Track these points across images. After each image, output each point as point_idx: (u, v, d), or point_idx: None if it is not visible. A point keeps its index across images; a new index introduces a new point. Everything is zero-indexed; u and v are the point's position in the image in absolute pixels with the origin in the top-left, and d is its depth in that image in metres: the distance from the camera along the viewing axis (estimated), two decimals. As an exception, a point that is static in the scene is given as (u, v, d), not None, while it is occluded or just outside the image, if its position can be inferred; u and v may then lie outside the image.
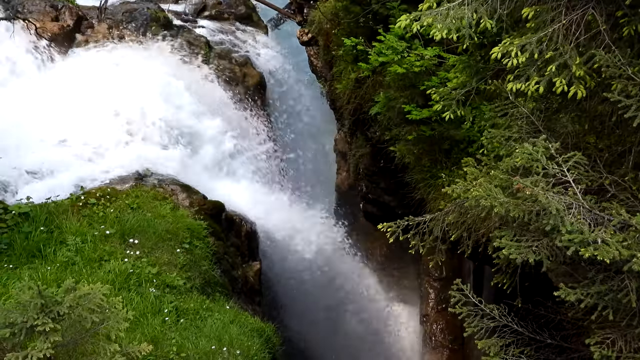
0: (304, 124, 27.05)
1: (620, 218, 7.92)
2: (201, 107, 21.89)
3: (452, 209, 10.09)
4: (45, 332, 8.16)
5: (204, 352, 12.38)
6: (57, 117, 19.15)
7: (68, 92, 20.01)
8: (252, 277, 18.63)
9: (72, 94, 19.90)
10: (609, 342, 8.33)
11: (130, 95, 20.30)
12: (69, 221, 15.05)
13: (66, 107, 19.50)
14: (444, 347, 22.51)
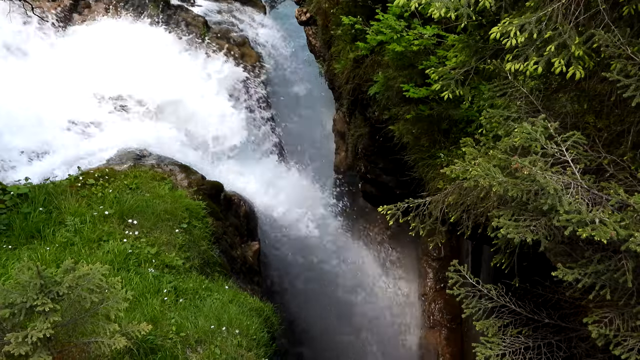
0: (302, 104, 27.01)
1: (619, 198, 7.93)
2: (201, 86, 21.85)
3: (452, 190, 10.11)
4: (45, 312, 8.20)
5: (203, 332, 12.42)
6: (55, 98, 19.11)
7: (65, 71, 19.96)
8: (251, 257, 18.66)
9: (70, 74, 19.85)
10: (607, 321, 8.36)
11: (127, 74, 20.25)
12: (68, 202, 15.05)
13: (64, 87, 19.45)
14: (442, 325, 22.61)
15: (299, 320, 22.33)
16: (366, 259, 24.33)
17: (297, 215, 22.10)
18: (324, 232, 23.04)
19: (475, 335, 16.65)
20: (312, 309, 22.48)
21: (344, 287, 23.47)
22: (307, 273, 22.53)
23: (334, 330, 22.91)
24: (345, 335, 23.04)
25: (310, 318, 22.48)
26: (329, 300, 23.06)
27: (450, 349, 22.23)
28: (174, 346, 11.80)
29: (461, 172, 9.30)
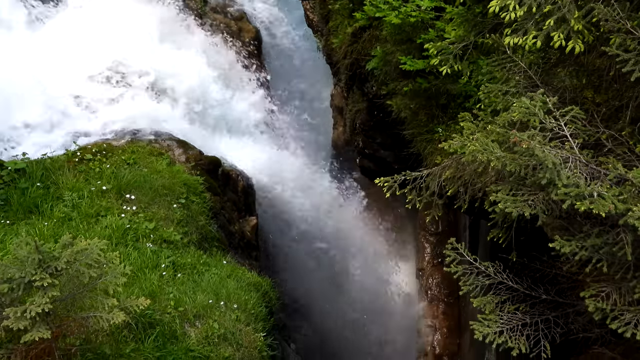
0: (300, 79, 26.93)
1: (617, 172, 7.93)
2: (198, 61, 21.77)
3: (449, 164, 10.10)
4: (44, 287, 8.21)
5: (202, 306, 12.45)
6: (52, 72, 19.02)
7: (62, 45, 19.85)
8: (249, 231, 18.67)
9: (66, 48, 19.74)
10: (604, 295, 8.39)
11: (124, 49, 20.15)
12: (65, 177, 15.03)
13: (60, 61, 19.36)
14: (440, 300, 22.68)
15: (297, 294, 22.39)
16: (364, 234, 24.37)
17: (294, 191, 22.09)
18: (321, 207, 23.05)
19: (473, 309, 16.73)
20: (310, 284, 22.55)
21: (342, 262, 23.53)
22: (305, 248, 22.58)
23: (332, 304, 22.99)
24: (343, 310, 23.13)
25: (308, 292, 22.55)
26: (327, 275, 23.12)
27: (447, 323, 22.32)
28: (172, 321, 11.84)
29: (459, 147, 9.29)
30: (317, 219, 22.73)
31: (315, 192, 22.89)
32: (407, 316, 23.57)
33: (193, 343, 11.62)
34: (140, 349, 10.80)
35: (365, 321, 23.37)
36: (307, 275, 22.55)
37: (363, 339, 23.14)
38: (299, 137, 24.71)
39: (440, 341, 22.19)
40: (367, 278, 23.89)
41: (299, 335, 21.85)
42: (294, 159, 22.93)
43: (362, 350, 22.98)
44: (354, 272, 23.75)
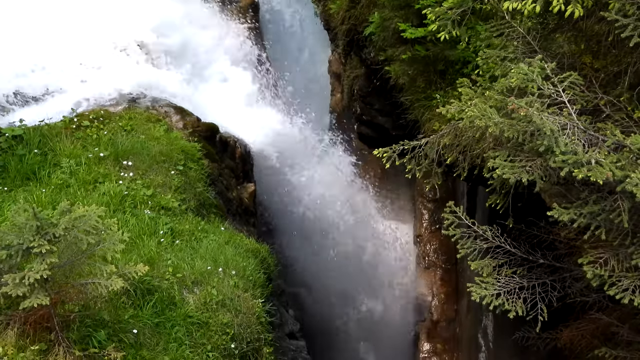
0: (298, 45, 26.81)
1: (615, 139, 7.92)
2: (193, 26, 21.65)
3: (447, 131, 10.09)
4: (42, 254, 8.22)
5: (200, 273, 12.47)
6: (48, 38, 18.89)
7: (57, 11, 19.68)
8: (247, 198, 18.67)
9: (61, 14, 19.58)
10: (602, 261, 8.42)
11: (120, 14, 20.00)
12: (63, 144, 14.98)
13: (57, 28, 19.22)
14: (437, 266, 22.79)
15: (295, 261, 22.46)
16: (362, 201, 24.39)
17: (292, 157, 22.06)
18: (319, 173, 23.04)
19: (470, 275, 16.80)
20: (308, 250, 22.62)
21: (340, 229, 23.56)
22: (303, 214, 22.59)
23: (330, 271, 23.07)
24: (341, 276, 23.20)
25: (306, 259, 22.62)
26: (325, 241, 23.17)
27: (444, 289, 22.44)
28: (170, 287, 11.86)
29: (457, 113, 9.27)
30: (315, 186, 22.72)
31: (313, 158, 22.86)
32: (405, 282, 23.68)
33: (192, 309, 11.65)
34: (138, 315, 10.83)
35: (363, 287, 23.47)
36: (305, 242, 22.60)
37: (361, 306, 23.27)
38: (297, 103, 24.63)
39: (437, 307, 22.32)
40: (365, 244, 23.96)
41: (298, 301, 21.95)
42: (291, 125, 22.85)
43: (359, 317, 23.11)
44: (352, 239, 23.80)
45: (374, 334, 23.02)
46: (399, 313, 23.24)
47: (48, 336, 9.06)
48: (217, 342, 11.42)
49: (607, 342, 11.53)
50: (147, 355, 10.00)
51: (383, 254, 24.14)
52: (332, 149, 24.22)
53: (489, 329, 18.86)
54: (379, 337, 23.02)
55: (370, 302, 23.39)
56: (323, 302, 22.64)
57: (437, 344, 21.89)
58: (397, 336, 23.02)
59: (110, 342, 9.58)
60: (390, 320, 23.27)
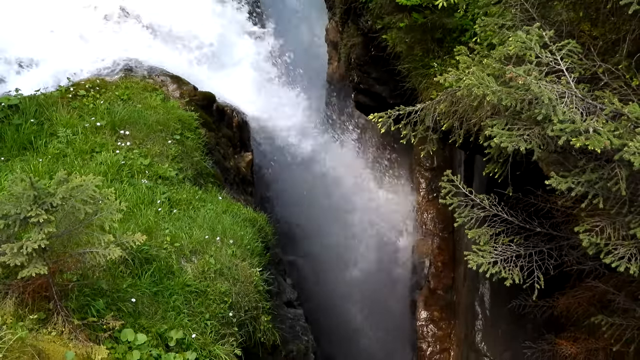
0: (294, 13, 26.66)
1: (613, 107, 7.90)
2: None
3: (444, 97, 10.05)
4: (39, 224, 8.22)
5: (198, 242, 12.50)
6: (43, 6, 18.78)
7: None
8: (244, 167, 18.67)
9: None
10: (598, 229, 8.43)
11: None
12: (59, 113, 14.95)
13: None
14: (435, 235, 22.84)
15: (293, 229, 22.51)
16: (359, 169, 24.41)
17: (290, 126, 22.04)
18: (317, 142, 23.04)
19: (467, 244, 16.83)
20: (306, 218, 22.65)
21: (338, 197, 23.59)
22: (301, 183, 22.61)
23: (328, 240, 23.13)
24: (339, 245, 23.27)
25: (304, 227, 22.67)
26: (323, 210, 23.20)
27: (441, 258, 22.51)
28: (168, 256, 11.89)
29: (455, 81, 9.24)
30: (312, 154, 22.73)
31: (310, 127, 22.83)
32: (403, 251, 23.75)
33: (189, 278, 11.68)
34: (137, 284, 10.86)
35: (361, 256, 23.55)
36: (303, 210, 22.63)
37: (358, 275, 23.35)
38: (294, 72, 24.54)
39: (435, 275, 22.40)
40: (363, 213, 24.00)
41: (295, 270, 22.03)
42: (288, 93, 22.81)
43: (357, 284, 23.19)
44: (350, 207, 23.84)
45: (371, 303, 23.14)
46: (396, 281, 23.34)
47: (47, 305, 9.09)
48: (215, 310, 11.47)
49: (603, 310, 11.60)
50: (145, 324, 10.04)
51: (381, 222, 24.19)
52: (330, 118, 24.18)
53: (486, 297, 18.95)
54: (377, 306, 23.14)
55: (367, 270, 23.47)
56: (320, 270, 22.72)
57: (434, 312, 22.00)
58: (394, 305, 23.14)
59: (108, 310, 9.62)
60: (387, 289, 23.37)
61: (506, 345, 18.41)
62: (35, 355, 8.33)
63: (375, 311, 23.04)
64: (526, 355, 15.78)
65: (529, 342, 15.42)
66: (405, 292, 23.14)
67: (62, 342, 8.79)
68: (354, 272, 23.33)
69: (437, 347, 21.59)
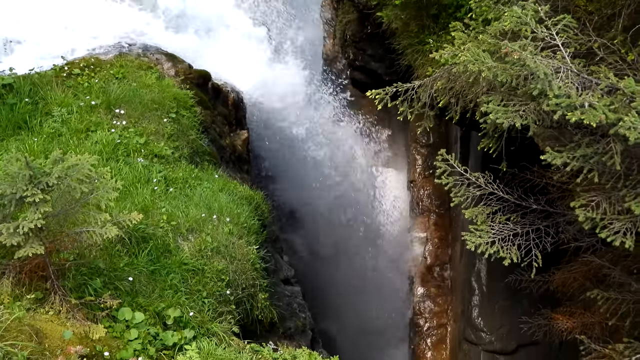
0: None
1: (608, 82, 7.89)
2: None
3: (440, 74, 10.05)
4: (35, 203, 8.21)
5: (194, 220, 12.51)
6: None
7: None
8: (240, 145, 18.65)
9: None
10: (594, 204, 8.45)
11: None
12: (54, 92, 14.89)
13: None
14: (431, 211, 22.88)
15: (289, 207, 22.53)
16: (355, 146, 24.39)
17: (285, 103, 22.00)
18: (312, 119, 23.01)
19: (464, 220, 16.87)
20: (302, 196, 22.66)
21: (334, 174, 23.60)
22: (296, 161, 22.60)
23: (325, 216, 23.16)
24: (335, 222, 23.31)
25: (300, 205, 22.68)
26: (320, 187, 23.22)
27: (438, 234, 22.56)
28: (165, 235, 11.90)
29: (450, 57, 9.22)
30: (308, 131, 22.71)
31: (306, 104, 22.79)
32: (399, 227, 23.80)
33: (186, 256, 11.70)
34: (134, 263, 10.87)
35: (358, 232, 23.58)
36: (299, 188, 22.63)
37: (355, 250, 23.40)
38: (289, 49, 24.47)
39: (431, 251, 22.47)
40: (360, 190, 24.02)
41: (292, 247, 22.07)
42: (284, 71, 22.75)
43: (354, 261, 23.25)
44: (347, 183, 23.85)
45: (368, 279, 23.21)
46: (392, 258, 23.39)
47: (44, 285, 9.10)
48: (213, 288, 11.50)
49: (599, 284, 11.65)
50: (143, 302, 10.06)
51: (377, 199, 24.22)
52: (326, 95, 24.13)
53: (482, 273, 19.03)
54: (373, 282, 23.21)
55: (365, 247, 23.52)
56: (317, 248, 22.76)
57: (431, 288, 22.09)
58: (391, 281, 23.21)
59: (106, 289, 9.63)
60: (384, 265, 23.43)
61: (503, 320, 18.53)
62: (33, 334, 8.35)
63: (371, 287, 23.10)
64: (522, 330, 15.89)
65: (525, 317, 15.51)
66: (402, 268, 23.20)
67: (59, 322, 8.81)
68: (351, 249, 23.37)
69: (434, 323, 21.69)
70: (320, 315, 19.96)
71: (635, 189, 8.05)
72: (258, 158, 21.61)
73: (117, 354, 8.96)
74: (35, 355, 8.20)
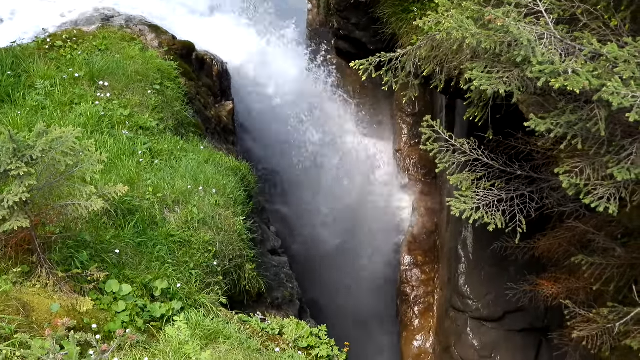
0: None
1: (592, 48, 7.90)
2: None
3: (424, 43, 10.02)
4: (20, 177, 8.18)
5: (180, 192, 12.49)
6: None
7: None
8: (226, 116, 18.60)
9: None
10: (577, 170, 8.49)
11: None
12: (37, 65, 14.79)
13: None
14: (417, 180, 22.95)
15: (275, 178, 22.53)
16: (341, 116, 24.37)
17: (270, 73, 21.91)
18: (297, 89, 22.91)
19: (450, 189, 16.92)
20: (288, 167, 22.66)
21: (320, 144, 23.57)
22: (282, 130, 22.54)
23: (312, 187, 23.17)
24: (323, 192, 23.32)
25: (287, 176, 22.68)
26: (306, 157, 23.20)
27: (424, 203, 22.64)
28: (151, 207, 11.89)
29: (434, 25, 9.20)
30: (293, 101, 22.63)
31: (291, 74, 22.70)
32: (385, 196, 23.84)
33: (173, 228, 11.70)
34: (120, 235, 10.86)
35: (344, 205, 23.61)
36: (285, 159, 22.62)
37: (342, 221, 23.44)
38: (273, 19, 24.32)
39: (418, 220, 22.56)
40: (345, 159, 24.02)
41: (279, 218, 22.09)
42: (268, 41, 22.62)
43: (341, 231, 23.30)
44: (332, 153, 23.84)
45: (354, 248, 23.28)
46: (379, 227, 23.46)
47: (30, 258, 9.10)
48: (200, 260, 11.52)
49: (583, 250, 11.74)
50: (130, 275, 10.08)
51: (363, 168, 24.24)
52: (310, 65, 24.05)
53: (469, 241, 19.13)
54: (360, 251, 23.29)
55: (352, 216, 23.56)
56: (304, 217, 22.79)
57: (418, 257, 22.20)
58: (377, 250, 23.30)
59: (92, 262, 9.63)
60: (370, 234, 23.50)
61: (489, 287, 18.66)
62: (20, 308, 8.36)
63: (358, 256, 23.20)
64: (509, 296, 16.02)
65: (511, 283, 15.64)
66: (388, 237, 23.29)
67: (47, 295, 8.82)
68: (338, 218, 23.41)
69: (421, 291, 21.82)
70: (307, 284, 20.03)
71: (619, 155, 8.09)
72: (244, 129, 21.54)
73: (105, 326, 8.99)
74: (23, 329, 8.22)
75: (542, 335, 18.21)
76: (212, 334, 9.68)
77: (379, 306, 22.90)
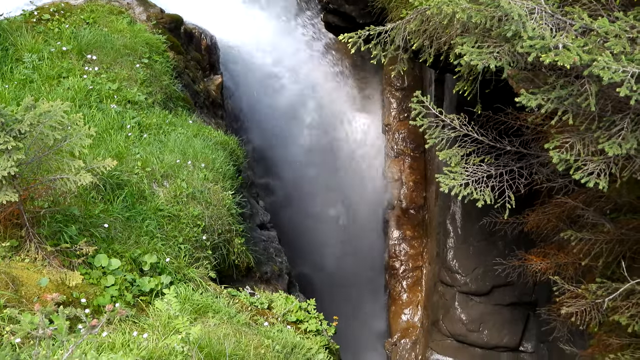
0: None
1: (582, 22, 7.88)
2: None
3: (414, 16, 9.97)
4: (8, 151, 8.14)
5: (169, 166, 12.47)
6: None
7: None
8: (214, 90, 18.53)
9: None
10: (567, 146, 8.49)
11: None
12: (24, 38, 14.68)
13: None
14: (406, 155, 22.93)
15: (264, 153, 22.48)
16: (330, 90, 24.29)
17: (259, 47, 21.81)
18: (287, 64, 22.84)
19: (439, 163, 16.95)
20: (277, 142, 22.61)
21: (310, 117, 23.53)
22: (271, 104, 22.48)
23: (300, 161, 23.14)
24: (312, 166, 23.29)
25: (275, 151, 22.63)
26: (295, 132, 23.17)
27: (413, 177, 22.66)
28: (140, 181, 11.87)
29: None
30: (282, 74, 22.56)
31: (280, 47, 22.61)
32: (375, 171, 23.85)
33: (162, 202, 11.69)
34: (109, 209, 10.84)
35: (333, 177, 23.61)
36: (274, 134, 22.57)
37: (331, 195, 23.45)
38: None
39: (407, 195, 22.58)
40: (334, 134, 23.99)
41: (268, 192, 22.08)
42: (257, 14, 22.51)
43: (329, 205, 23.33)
44: (321, 129, 23.80)
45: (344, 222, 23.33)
46: (367, 201, 23.49)
47: (19, 232, 9.07)
48: (189, 234, 11.52)
49: (572, 225, 11.78)
50: (119, 249, 10.06)
51: (352, 143, 24.21)
52: (299, 38, 23.94)
53: (457, 215, 19.18)
54: (349, 225, 23.34)
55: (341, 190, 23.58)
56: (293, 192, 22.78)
57: (407, 231, 22.26)
58: (366, 224, 23.34)
59: (81, 237, 9.61)
60: (360, 208, 23.54)
61: (477, 262, 18.74)
62: (9, 282, 8.34)
63: (347, 230, 23.24)
64: (497, 271, 16.09)
65: (499, 258, 15.70)
66: (377, 211, 23.33)
67: (35, 269, 8.80)
68: (327, 192, 23.41)
69: (410, 265, 21.91)
70: (296, 259, 20.08)
71: (609, 130, 8.10)
72: (233, 103, 21.47)
73: (94, 300, 8.98)
74: (12, 303, 8.21)
75: (530, 310, 18.34)
76: (201, 308, 9.70)
77: (369, 280, 22.98)
